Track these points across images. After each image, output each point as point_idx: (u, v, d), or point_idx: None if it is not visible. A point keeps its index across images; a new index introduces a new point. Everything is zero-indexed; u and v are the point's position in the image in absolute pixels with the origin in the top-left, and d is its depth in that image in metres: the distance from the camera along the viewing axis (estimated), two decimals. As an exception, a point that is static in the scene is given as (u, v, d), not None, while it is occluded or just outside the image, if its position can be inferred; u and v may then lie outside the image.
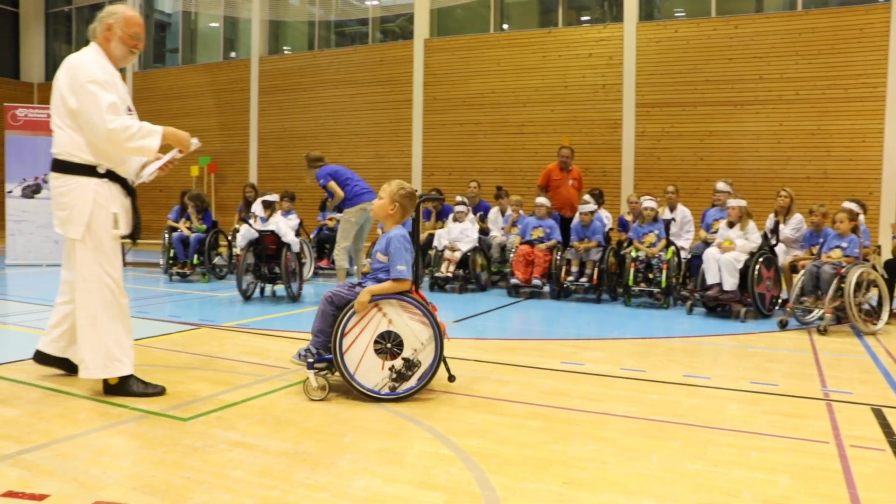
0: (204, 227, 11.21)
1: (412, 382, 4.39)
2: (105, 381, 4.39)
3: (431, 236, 10.93)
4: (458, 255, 10.01)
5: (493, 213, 11.54)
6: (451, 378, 4.70)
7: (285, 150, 18.31)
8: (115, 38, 4.43)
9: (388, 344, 4.40)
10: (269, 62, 18.75)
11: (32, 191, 13.14)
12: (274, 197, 9.38)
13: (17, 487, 2.98)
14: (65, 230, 4.35)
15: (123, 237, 4.49)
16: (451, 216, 10.72)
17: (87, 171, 4.30)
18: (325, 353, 4.52)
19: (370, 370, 4.37)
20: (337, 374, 4.47)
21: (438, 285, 10.11)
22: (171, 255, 11.00)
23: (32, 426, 3.79)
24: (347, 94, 17.51)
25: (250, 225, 8.98)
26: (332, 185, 8.99)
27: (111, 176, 4.37)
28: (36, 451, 3.42)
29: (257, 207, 9.71)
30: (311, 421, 3.96)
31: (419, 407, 4.26)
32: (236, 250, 11.65)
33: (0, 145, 15.79)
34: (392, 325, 4.40)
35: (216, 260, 11.37)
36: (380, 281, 4.49)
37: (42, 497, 2.90)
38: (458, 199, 10.96)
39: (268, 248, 8.91)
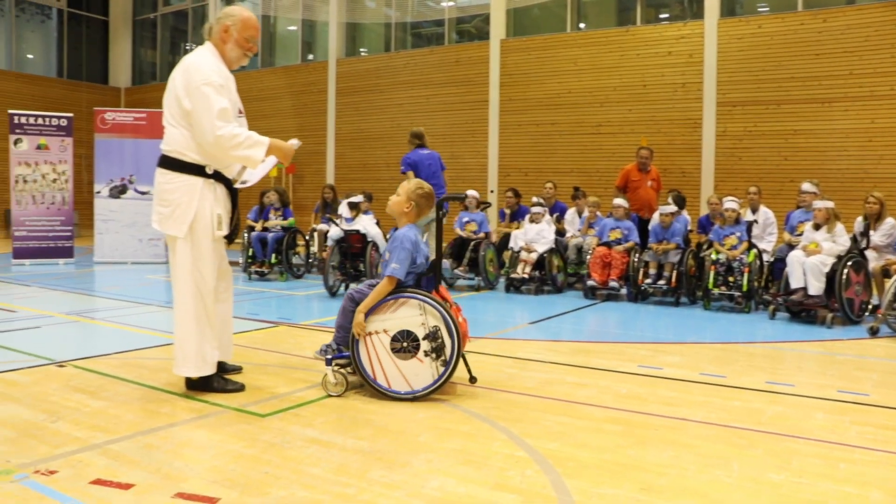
0: (291, 219, 11.50)
1: (448, 342, 4.36)
2: (187, 377, 4.51)
3: (507, 237, 10.90)
4: (534, 256, 9.95)
5: (570, 213, 11.43)
6: (473, 379, 4.70)
7: (362, 151, 18.52)
8: (231, 41, 4.49)
9: (404, 343, 4.39)
10: (346, 64, 19.00)
11: (119, 191, 13.63)
12: (359, 198, 9.86)
13: (105, 476, 3.09)
14: (165, 227, 4.40)
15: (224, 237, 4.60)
16: (527, 217, 10.66)
17: (196, 170, 4.35)
18: (344, 350, 4.56)
19: (419, 373, 4.37)
20: (356, 372, 4.50)
21: (514, 286, 10.06)
22: (250, 253, 11.22)
23: (119, 418, 3.92)
24: (423, 95, 17.61)
25: (337, 224, 9.42)
26: (410, 175, 9.37)
27: (217, 177, 4.44)
28: (122, 441, 3.53)
29: (343, 208, 10.02)
30: (386, 419, 3.99)
31: (494, 408, 4.25)
32: (313, 249, 11.89)
33: (90, 147, 16.37)
34: (388, 331, 4.40)
35: (294, 259, 11.56)
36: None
37: (128, 486, 2.99)
38: (534, 200, 10.90)
39: (353, 247, 9.42)
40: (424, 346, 4.37)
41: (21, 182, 12.97)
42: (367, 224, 9.75)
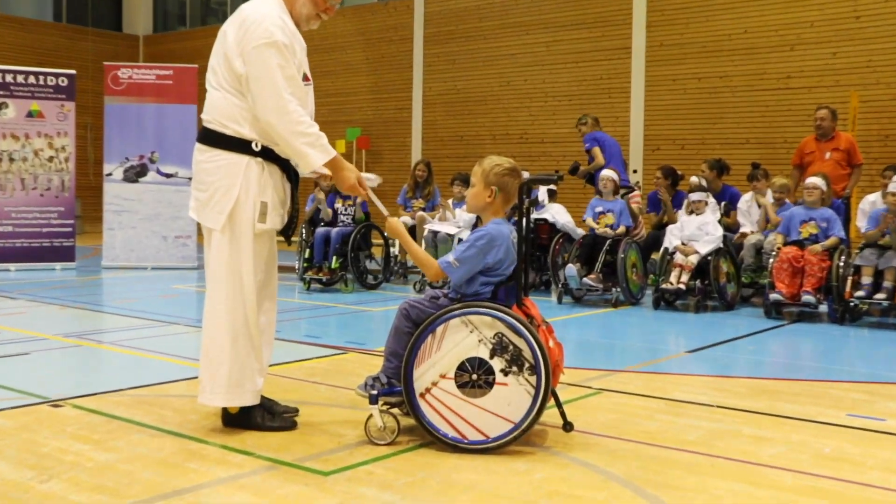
0: (363, 214, 11.49)
1: (521, 342, 4.33)
2: (224, 411, 4.60)
3: (657, 233, 10.76)
4: (693, 259, 9.77)
5: (746, 201, 11.15)
6: (568, 426, 4.61)
7: (458, 119, 18.61)
8: None
9: (474, 376, 4.38)
10: (438, 3, 19.11)
11: (136, 173, 13.84)
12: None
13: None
14: (202, 216, 4.54)
15: (277, 234, 4.69)
16: (683, 206, 10.48)
17: (241, 146, 4.47)
18: (397, 384, 4.52)
19: (511, 400, 4.34)
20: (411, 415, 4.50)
21: (666, 301, 9.92)
22: (307, 255, 11.15)
23: (132, 475, 3.97)
24: (542, 41, 17.57)
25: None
26: (596, 150, 11.51)
27: (268, 155, 4.53)
28: (134, 508, 3.57)
29: (542, 194, 10.90)
30: (491, 481, 3.94)
31: (640, 468, 4.15)
32: (394, 250, 11.85)
33: (98, 115, 16.74)
34: (446, 374, 4.42)
35: (369, 264, 11.54)
36: (461, 294, 4.54)
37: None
38: (694, 181, 10.72)
39: (540, 238, 10.74)
40: (498, 364, 4.35)
41: (6, 160, 13.22)
42: (557, 212, 10.97)
